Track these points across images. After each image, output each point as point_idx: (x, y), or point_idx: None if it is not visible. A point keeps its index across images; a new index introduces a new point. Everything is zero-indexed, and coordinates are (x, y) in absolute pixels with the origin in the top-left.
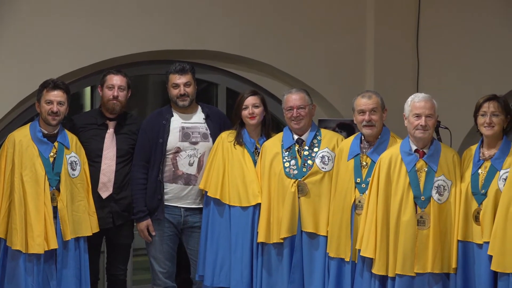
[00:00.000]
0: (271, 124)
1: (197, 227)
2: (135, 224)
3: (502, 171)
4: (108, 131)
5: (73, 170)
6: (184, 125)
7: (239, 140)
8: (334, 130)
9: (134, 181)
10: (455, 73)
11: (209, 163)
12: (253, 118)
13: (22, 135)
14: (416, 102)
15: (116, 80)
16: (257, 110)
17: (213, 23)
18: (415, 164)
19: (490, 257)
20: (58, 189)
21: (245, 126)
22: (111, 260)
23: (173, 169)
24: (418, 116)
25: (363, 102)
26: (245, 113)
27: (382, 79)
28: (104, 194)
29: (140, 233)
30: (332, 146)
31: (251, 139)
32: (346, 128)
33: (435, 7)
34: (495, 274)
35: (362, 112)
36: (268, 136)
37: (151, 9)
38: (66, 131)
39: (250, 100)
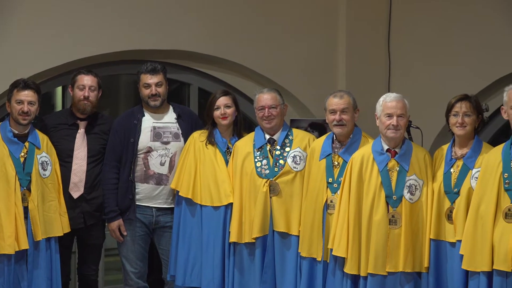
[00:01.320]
0: (243, 124)
1: (168, 227)
2: (106, 224)
3: (474, 170)
4: (79, 131)
5: (44, 170)
6: (155, 125)
7: (211, 140)
8: (306, 130)
9: (105, 181)
10: (426, 72)
11: (181, 163)
12: (225, 119)
13: None
14: (387, 102)
15: (87, 80)
16: (229, 111)
17: (184, 22)
18: (387, 164)
19: (462, 255)
20: (29, 189)
21: (217, 126)
22: (83, 260)
23: (145, 169)
24: (389, 116)
25: (335, 102)
26: (217, 113)
27: (354, 79)
28: (75, 194)
29: (112, 233)
30: (304, 145)
31: (223, 138)
32: (318, 128)
33: (407, 7)
34: (467, 273)
35: (333, 111)
36: (240, 136)
37: (122, 8)
38: (37, 131)
39: (222, 101)
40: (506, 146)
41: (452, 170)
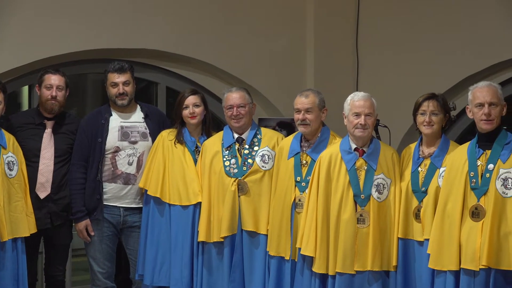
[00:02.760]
0: (211, 123)
1: (136, 226)
2: (73, 224)
3: (441, 169)
4: (46, 130)
5: (10, 170)
6: (123, 124)
7: (179, 139)
8: (274, 129)
9: (73, 181)
10: (394, 72)
11: (149, 162)
12: (193, 118)
13: None
14: (355, 101)
15: (54, 79)
16: (197, 110)
17: (152, 21)
18: (355, 163)
19: (430, 254)
20: None
21: (186, 125)
22: (49, 260)
23: (112, 168)
24: (357, 115)
25: (300, 101)
26: (185, 112)
27: (322, 78)
28: (42, 195)
29: (79, 233)
30: (272, 144)
31: (191, 137)
32: (286, 127)
33: (375, 7)
34: (435, 271)
35: (298, 110)
36: (208, 135)
37: (89, 7)
38: (3, 131)
39: (191, 100)
40: (471, 144)
41: (419, 169)
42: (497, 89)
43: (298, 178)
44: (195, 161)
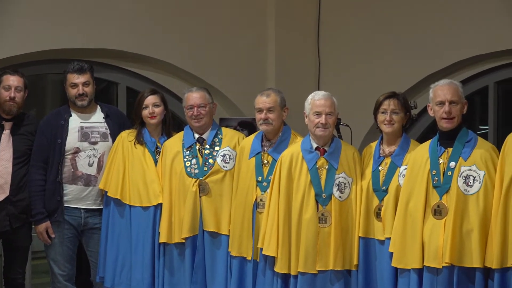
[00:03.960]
0: (172, 123)
1: (97, 228)
2: (33, 226)
3: (402, 167)
4: (4, 132)
5: None
6: (83, 125)
7: (139, 140)
8: (235, 128)
9: (32, 182)
10: (355, 71)
11: (109, 163)
12: (153, 118)
13: None
14: (316, 100)
15: (13, 80)
16: (157, 110)
17: (112, 21)
18: (316, 162)
19: (392, 253)
20: None
21: (146, 125)
22: (9, 263)
23: (73, 169)
24: (318, 114)
25: (261, 100)
26: (145, 112)
27: (283, 77)
28: (1, 197)
29: (39, 235)
30: (233, 144)
31: (151, 138)
32: (248, 127)
33: (336, 6)
34: (396, 270)
35: (260, 110)
36: (169, 135)
37: (48, 7)
38: None
39: (150, 100)
40: (433, 142)
41: (380, 168)
42: (458, 87)
43: (260, 178)
44: (156, 161)
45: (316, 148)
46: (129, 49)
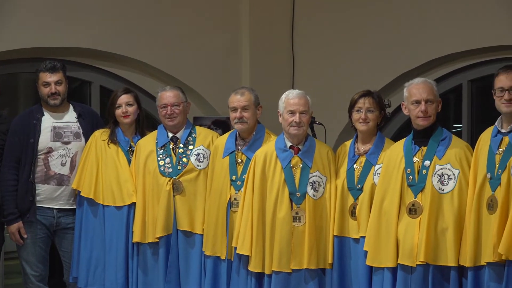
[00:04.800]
0: (145, 122)
1: (70, 228)
2: (5, 226)
3: (377, 166)
4: None
5: None
6: (55, 125)
7: (113, 139)
8: (209, 127)
9: (4, 182)
10: (330, 69)
11: (82, 163)
12: (127, 117)
13: None
14: (290, 98)
15: None
16: (130, 109)
17: (85, 20)
18: (290, 161)
19: (367, 251)
20: None
21: (119, 124)
22: None
23: (45, 169)
24: (292, 112)
25: (236, 99)
26: (118, 111)
27: (257, 76)
28: None
29: (11, 236)
30: (207, 143)
31: (125, 137)
32: (222, 125)
33: (310, 5)
34: (371, 269)
35: (234, 109)
36: (142, 134)
37: (21, 5)
38: None
39: (124, 99)
40: (407, 141)
41: (355, 166)
42: (432, 85)
43: (234, 177)
44: (129, 161)
45: (290, 147)
46: (103, 48)
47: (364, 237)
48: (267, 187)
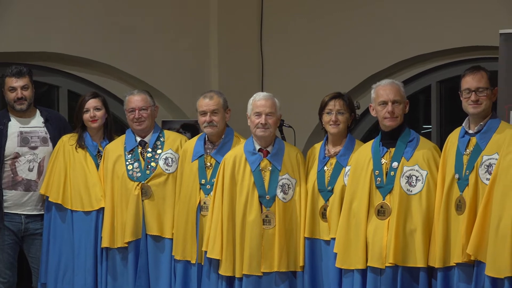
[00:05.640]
0: (113, 127)
1: (38, 234)
2: None
3: (347, 168)
4: None
5: None
6: (22, 130)
7: (81, 144)
8: (178, 131)
9: None
10: (299, 72)
11: (50, 168)
12: (94, 121)
13: None
14: (256, 100)
15: None
16: (98, 113)
17: (52, 23)
18: (259, 164)
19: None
20: None
21: (87, 129)
22: None
23: (12, 175)
24: (258, 114)
25: (205, 103)
26: (86, 116)
27: (226, 79)
28: None
29: None
30: (175, 147)
31: (93, 142)
32: (190, 129)
33: (278, 7)
34: (342, 271)
35: (204, 113)
36: (110, 139)
37: None
38: None
39: (91, 103)
40: (375, 142)
41: (325, 168)
42: (399, 86)
43: (203, 181)
44: (97, 165)
45: (259, 150)
46: (70, 52)
47: (334, 238)
48: (236, 190)
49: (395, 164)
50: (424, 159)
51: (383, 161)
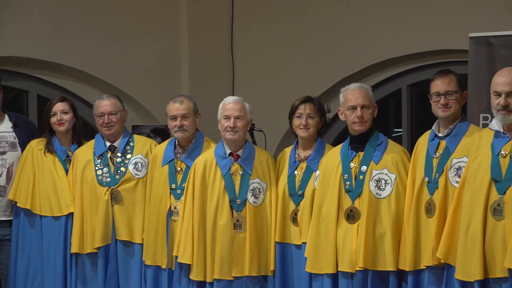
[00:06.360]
0: (82, 131)
1: (7, 240)
2: None
3: (317, 172)
4: None
5: None
6: None
7: (49, 148)
8: (148, 135)
9: None
10: (270, 76)
11: (19, 173)
12: (61, 125)
13: None
14: (226, 104)
15: None
16: (65, 117)
17: (21, 28)
18: (230, 168)
19: None
20: None
21: (56, 133)
22: None
23: None
24: (227, 118)
25: (175, 107)
26: (53, 119)
27: (197, 84)
28: None
29: None
30: (145, 152)
31: (62, 146)
32: (161, 133)
33: (249, 12)
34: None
35: (174, 117)
36: (79, 143)
37: None
38: None
39: (59, 107)
40: (344, 146)
41: (296, 172)
42: (368, 91)
43: (173, 186)
44: (66, 170)
45: (230, 154)
46: (39, 56)
47: (305, 243)
48: (207, 194)
49: (364, 168)
50: (393, 162)
51: (352, 165)
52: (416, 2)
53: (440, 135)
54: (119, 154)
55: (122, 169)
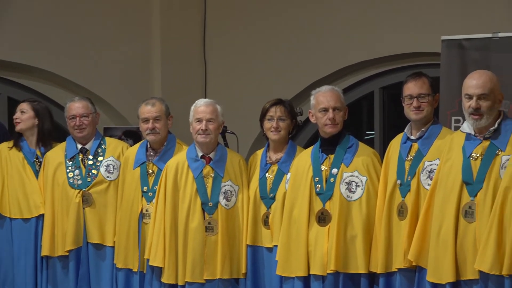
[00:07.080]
0: (52, 134)
1: None
2: None
3: (289, 174)
4: None
5: None
6: None
7: (17, 150)
8: (120, 138)
9: None
10: (242, 79)
11: None
12: (16, 124)
13: None
14: (198, 107)
15: None
16: (22, 116)
17: None
18: (202, 170)
19: None
20: None
21: (23, 135)
22: None
23: None
24: (199, 120)
25: (147, 110)
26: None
27: (169, 86)
28: None
29: None
30: (117, 154)
31: (30, 148)
32: (133, 136)
33: (221, 14)
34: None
35: (146, 120)
36: (48, 146)
37: None
38: None
39: (19, 106)
40: (314, 149)
41: (267, 175)
42: (339, 93)
43: (145, 188)
44: (35, 172)
45: (202, 156)
46: (10, 58)
47: (277, 246)
48: (179, 197)
49: (334, 170)
50: (364, 165)
51: (322, 167)
52: (389, 5)
53: (412, 137)
54: (90, 157)
55: (94, 171)
